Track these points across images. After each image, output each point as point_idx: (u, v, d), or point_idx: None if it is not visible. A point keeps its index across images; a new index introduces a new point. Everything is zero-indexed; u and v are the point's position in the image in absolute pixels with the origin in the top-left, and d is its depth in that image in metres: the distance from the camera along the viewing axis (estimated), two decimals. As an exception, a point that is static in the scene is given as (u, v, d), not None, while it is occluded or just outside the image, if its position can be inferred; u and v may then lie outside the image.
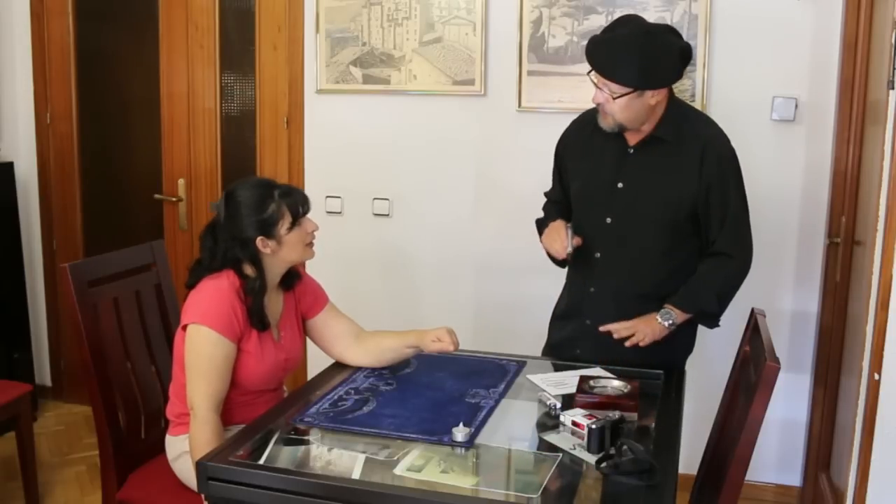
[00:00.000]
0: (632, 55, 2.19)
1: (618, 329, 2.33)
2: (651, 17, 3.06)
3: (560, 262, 2.49)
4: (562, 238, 2.33)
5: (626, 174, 2.36)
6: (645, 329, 2.32)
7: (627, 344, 2.32)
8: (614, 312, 2.36)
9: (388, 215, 3.53)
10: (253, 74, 3.64)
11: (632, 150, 2.36)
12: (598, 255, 2.41)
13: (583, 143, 2.46)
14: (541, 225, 2.54)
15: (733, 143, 2.36)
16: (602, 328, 2.35)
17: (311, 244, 2.20)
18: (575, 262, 2.42)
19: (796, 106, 3.02)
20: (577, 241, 2.35)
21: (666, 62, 2.22)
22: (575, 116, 2.56)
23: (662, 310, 2.33)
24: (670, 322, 2.32)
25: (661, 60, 2.21)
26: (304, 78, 3.54)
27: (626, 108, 2.24)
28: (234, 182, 2.20)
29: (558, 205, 2.56)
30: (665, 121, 2.32)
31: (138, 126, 3.92)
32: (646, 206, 2.34)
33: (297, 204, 2.14)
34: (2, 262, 3.82)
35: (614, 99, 2.23)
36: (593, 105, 2.33)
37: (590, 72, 2.26)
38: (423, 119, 3.42)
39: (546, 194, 2.64)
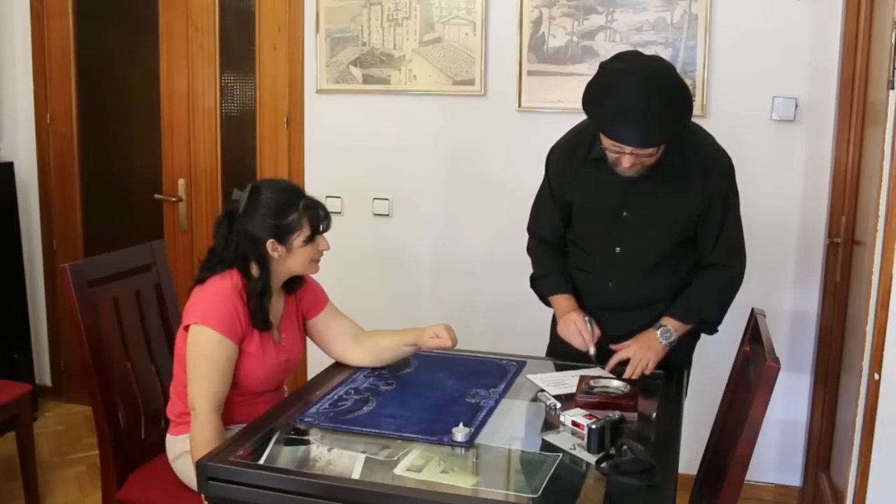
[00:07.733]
0: (669, 121, 2.05)
1: (620, 356, 2.27)
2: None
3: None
4: (582, 333, 2.29)
5: (630, 202, 2.27)
6: (647, 354, 2.24)
7: (635, 376, 2.22)
8: (630, 333, 2.32)
9: (388, 215, 3.53)
10: (253, 74, 3.64)
11: (634, 176, 2.21)
12: (611, 284, 2.36)
13: (574, 171, 2.34)
14: (541, 283, 2.48)
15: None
16: (607, 368, 2.27)
17: (317, 261, 2.20)
18: (588, 289, 2.40)
19: (796, 106, 3.01)
20: (598, 333, 2.31)
21: (688, 97, 2.10)
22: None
23: (661, 328, 2.28)
24: (671, 340, 2.28)
25: (685, 99, 2.09)
26: (304, 78, 3.54)
27: (655, 154, 2.13)
28: (262, 179, 2.21)
29: (552, 250, 2.47)
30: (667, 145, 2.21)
31: (138, 126, 3.92)
32: (655, 231, 2.29)
33: (319, 220, 2.14)
34: (2, 262, 3.81)
35: (650, 155, 2.12)
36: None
37: (622, 149, 2.08)
38: (423, 119, 3.42)
39: (532, 230, 2.53)
